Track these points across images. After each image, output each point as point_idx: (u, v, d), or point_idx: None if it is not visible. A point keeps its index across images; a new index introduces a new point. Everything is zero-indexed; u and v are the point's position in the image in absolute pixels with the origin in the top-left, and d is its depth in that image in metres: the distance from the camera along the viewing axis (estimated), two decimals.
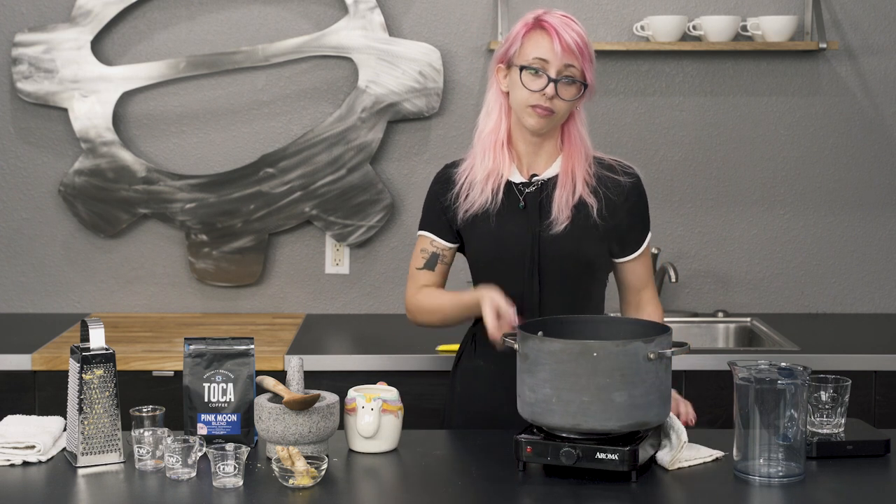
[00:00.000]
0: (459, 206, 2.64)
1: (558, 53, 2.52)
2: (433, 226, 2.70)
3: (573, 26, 2.55)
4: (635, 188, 2.67)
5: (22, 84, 3.80)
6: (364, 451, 2.38)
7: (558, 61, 2.53)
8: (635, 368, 2.18)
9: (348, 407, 2.38)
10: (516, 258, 2.61)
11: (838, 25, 3.87)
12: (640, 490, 2.18)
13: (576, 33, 2.54)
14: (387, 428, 2.37)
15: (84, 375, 2.31)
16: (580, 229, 2.60)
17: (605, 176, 2.65)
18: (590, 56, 2.56)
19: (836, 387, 2.43)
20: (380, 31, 3.81)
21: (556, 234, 2.59)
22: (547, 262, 2.61)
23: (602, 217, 2.61)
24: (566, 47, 2.52)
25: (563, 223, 2.59)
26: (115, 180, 3.85)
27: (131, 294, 3.94)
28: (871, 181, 3.94)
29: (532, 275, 2.61)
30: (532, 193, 2.63)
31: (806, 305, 3.98)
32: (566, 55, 2.52)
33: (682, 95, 3.91)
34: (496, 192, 2.62)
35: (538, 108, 2.54)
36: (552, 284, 2.62)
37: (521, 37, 2.56)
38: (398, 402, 2.40)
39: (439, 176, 2.72)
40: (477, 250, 2.66)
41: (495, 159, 2.62)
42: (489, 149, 2.62)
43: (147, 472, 2.29)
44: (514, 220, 2.62)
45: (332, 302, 3.96)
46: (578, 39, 2.53)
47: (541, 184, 2.63)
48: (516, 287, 2.61)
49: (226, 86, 3.89)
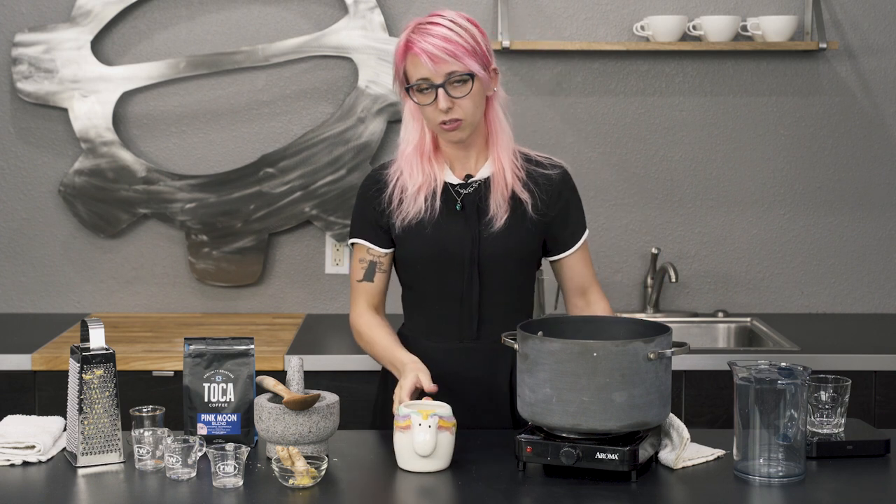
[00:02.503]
0: (393, 212, 2.62)
1: (430, 67, 2.49)
2: (367, 233, 2.66)
3: (435, 30, 2.50)
4: (565, 181, 2.67)
5: (22, 84, 3.80)
6: (419, 471, 2.26)
7: (436, 74, 2.50)
8: (635, 368, 2.18)
9: (401, 425, 2.26)
10: (456, 260, 2.60)
11: (838, 25, 3.87)
12: (640, 490, 2.18)
13: (438, 37, 2.49)
14: (443, 446, 2.26)
15: (84, 375, 2.31)
16: (518, 225, 2.61)
17: (535, 171, 2.65)
18: (465, 48, 2.50)
19: (836, 387, 2.43)
20: (380, 31, 3.81)
21: (495, 232, 2.59)
22: (487, 261, 2.60)
23: (537, 211, 2.62)
24: (433, 57, 2.48)
25: (501, 220, 2.59)
26: (115, 180, 3.85)
27: (131, 294, 3.94)
28: (871, 181, 3.94)
29: (472, 275, 2.60)
30: (469, 195, 2.62)
31: (806, 305, 3.98)
32: (438, 64, 2.49)
33: (682, 95, 3.91)
34: (430, 201, 2.60)
35: (445, 125, 2.54)
36: (491, 283, 2.62)
37: (401, 69, 2.55)
38: (452, 417, 2.30)
39: (369, 181, 2.68)
40: (415, 254, 2.63)
41: (424, 172, 2.61)
42: (416, 163, 2.61)
43: (147, 472, 2.29)
44: (452, 222, 2.61)
45: (332, 302, 3.96)
46: (441, 41, 2.48)
47: (477, 184, 2.63)
48: (456, 288, 2.61)
49: (226, 86, 3.89)
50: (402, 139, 2.64)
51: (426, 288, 2.65)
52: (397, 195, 2.62)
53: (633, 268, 3.94)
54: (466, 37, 2.51)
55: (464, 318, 2.62)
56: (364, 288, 2.68)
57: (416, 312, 2.70)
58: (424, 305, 2.67)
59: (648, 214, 3.94)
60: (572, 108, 3.89)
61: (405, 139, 2.64)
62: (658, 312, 3.88)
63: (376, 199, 2.64)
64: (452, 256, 2.60)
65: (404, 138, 2.64)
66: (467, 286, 2.61)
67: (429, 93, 2.52)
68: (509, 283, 2.64)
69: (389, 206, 2.62)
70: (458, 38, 2.50)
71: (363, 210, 2.67)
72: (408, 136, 2.63)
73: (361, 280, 2.68)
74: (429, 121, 2.57)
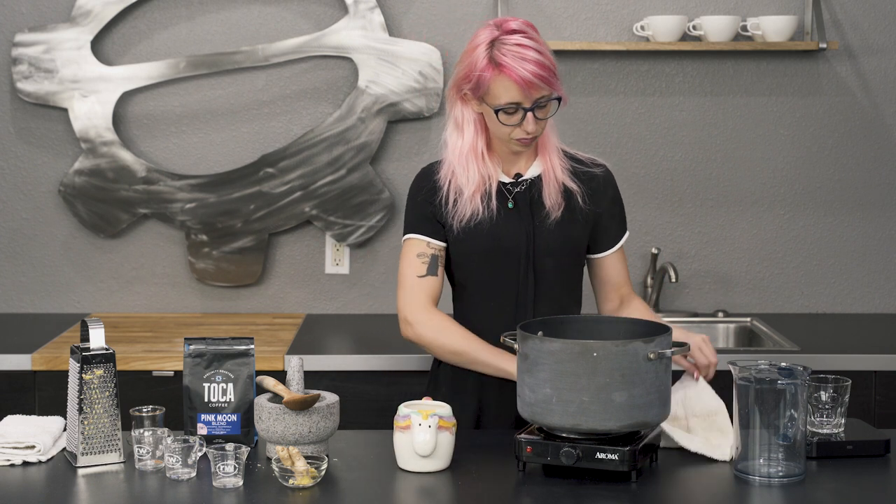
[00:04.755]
0: (449, 213, 2.64)
1: (526, 93, 2.52)
2: (425, 228, 2.67)
3: (528, 54, 2.52)
4: (609, 179, 2.73)
5: (22, 84, 3.80)
6: (419, 471, 2.27)
7: (528, 98, 2.53)
8: (635, 368, 2.18)
9: (401, 425, 2.28)
10: (512, 256, 2.63)
11: (838, 25, 3.87)
12: (640, 490, 2.18)
13: (533, 63, 2.51)
14: (443, 446, 2.27)
15: (84, 375, 2.31)
16: (571, 218, 2.65)
17: (579, 169, 2.69)
18: (553, 71, 2.54)
19: (836, 387, 2.43)
20: (380, 31, 3.81)
21: (550, 226, 2.63)
22: (541, 255, 2.64)
23: (586, 203, 2.66)
24: (530, 84, 2.51)
25: (556, 212, 2.63)
26: (115, 180, 3.85)
27: (131, 294, 3.94)
28: (871, 181, 3.94)
29: (527, 271, 2.64)
30: (521, 193, 2.65)
31: (806, 305, 3.98)
32: (533, 91, 2.52)
33: (682, 95, 3.91)
34: (486, 201, 2.63)
35: (522, 141, 2.58)
36: (545, 278, 2.65)
37: (486, 81, 2.54)
38: (452, 417, 2.30)
39: (422, 179, 2.70)
40: (472, 252, 2.65)
41: (480, 173, 2.63)
42: (471, 163, 2.62)
43: (147, 472, 2.29)
44: (506, 219, 2.64)
45: (331, 302, 3.96)
46: (537, 68, 2.51)
47: (528, 182, 2.66)
48: (512, 284, 2.64)
49: (226, 86, 3.89)
50: (452, 140, 2.65)
51: (480, 286, 2.66)
52: (452, 196, 2.63)
53: (633, 268, 3.94)
54: (552, 58, 2.56)
55: (518, 314, 2.63)
56: (427, 283, 2.65)
57: (469, 311, 2.69)
58: (478, 303, 2.67)
59: (648, 214, 3.94)
60: (572, 108, 3.89)
61: (457, 140, 2.64)
62: (658, 312, 3.88)
63: (431, 198, 2.66)
64: (508, 252, 2.63)
65: (455, 140, 2.65)
66: (522, 282, 2.64)
67: (515, 115, 2.54)
68: (562, 278, 2.67)
69: (446, 205, 2.64)
70: (547, 61, 2.54)
71: (418, 206, 2.68)
72: (462, 137, 2.64)
73: (425, 275, 2.65)
74: (502, 134, 2.59)
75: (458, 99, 2.63)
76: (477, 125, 2.63)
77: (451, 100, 2.64)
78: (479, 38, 2.57)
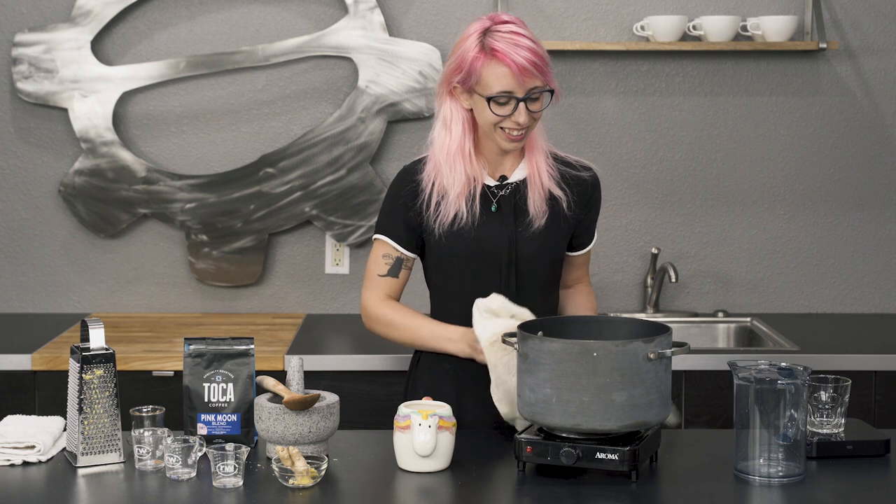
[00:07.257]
0: (430, 216, 2.60)
1: (520, 80, 2.49)
2: (396, 234, 2.63)
3: (522, 41, 2.48)
4: (596, 185, 2.70)
5: (22, 84, 3.80)
6: (419, 471, 2.26)
7: (522, 87, 2.50)
8: (635, 368, 2.18)
9: (401, 425, 2.27)
10: (493, 261, 2.61)
11: (838, 25, 3.87)
12: (640, 490, 2.18)
13: (527, 49, 2.48)
14: (443, 446, 2.27)
15: (84, 375, 2.31)
16: (554, 225, 2.63)
17: (567, 172, 2.66)
18: (546, 62, 2.51)
19: (836, 387, 2.43)
20: (380, 31, 3.81)
21: (534, 232, 2.61)
22: (523, 261, 2.61)
23: (571, 209, 2.64)
24: (525, 71, 2.48)
25: (539, 220, 2.61)
26: (115, 180, 3.85)
27: (131, 294, 3.94)
28: (871, 181, 3.94)
29: (509, 276, 2.61)
30: (505, 197, 2.62)
31: (806, 305, 3.98)
32: (527, 79, 2.49)
33: (682, 95, 3.91)
34: (470, 203, 2.59)
35: (511, 136, 2.54)
36: (526, 283, 2.62)
37: (478, 68, 2.50)
38: (452, 417, 2.30)
39: (404, 179, 2.64)
40: (452, 256, 2.62)
41: (466, 173, 2.58)
42: (458, 163, 2.57)
43: (147, 472, 2.29)
44: (489, 223, 2.60)
45: (331, 302, 3.96)
46: (531, 55, 2.48)
47: (513, 186, 2.63)
48: (493, 288, 2.58)
49: (226, 86, 3.89)
50: (440, 138, 2.60)
51: (460, 289, 2.63)
52: (436, 197, 2.59)
53: (633, 268, 3.94)
54: (545, 54, 2.53)
55: None
56: (385, 282, 2.66)
57: (446, 315, 2.66)
58: (457, 307, 2.63)
59: (648, 214, 3.94)
60: (572, 108, 3.89)
61: (445, 138, 2.59)
62: (658, 312, 3.88)
63: (411, 199, 2.62)
64: (489, 257, 2.60)
65: (443, 138, 2.59)
66: (504, 286, 2.60)
67: (506, 105, 2.51)
68: (542, 282, 2.66)
69: (427, 208, 2.60)
70: (540, 51, 2.51)
71: (395, 208, 2.64)
72: (449, 135, 2.59)
73: (384, 275, 2.65)
74: (490, 128, 2.55)
75: (447, 94, 2.58)
76: (465, 124, 2.58)
77: (440, 96, 2.59)
78: (471, 29, 2.53)
